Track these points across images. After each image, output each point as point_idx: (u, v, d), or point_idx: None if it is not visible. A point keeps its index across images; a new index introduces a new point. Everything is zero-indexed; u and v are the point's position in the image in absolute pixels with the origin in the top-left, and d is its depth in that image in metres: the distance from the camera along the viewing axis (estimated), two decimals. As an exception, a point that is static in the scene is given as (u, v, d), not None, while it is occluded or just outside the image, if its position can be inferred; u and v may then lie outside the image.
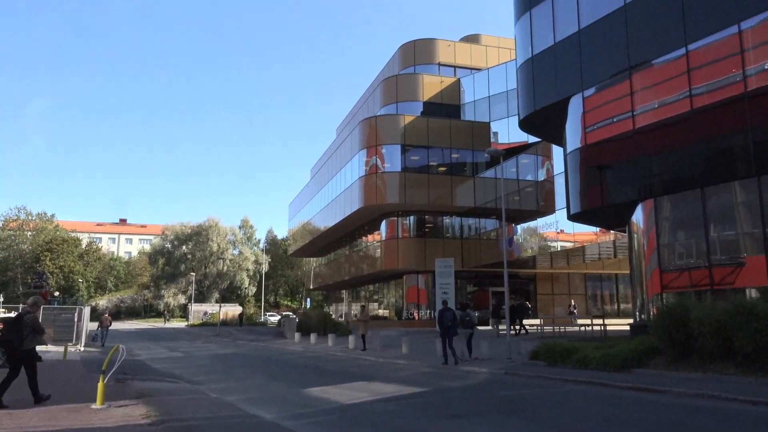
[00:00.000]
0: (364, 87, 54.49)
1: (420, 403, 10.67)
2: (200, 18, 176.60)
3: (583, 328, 24.00)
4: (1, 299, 61.78)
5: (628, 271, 42.92)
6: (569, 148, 19.23)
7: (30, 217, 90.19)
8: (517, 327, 30.64)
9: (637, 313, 17.76)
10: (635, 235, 17.85)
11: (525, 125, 21.85)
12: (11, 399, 9.68)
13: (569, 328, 26.92)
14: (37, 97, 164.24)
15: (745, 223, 15.18)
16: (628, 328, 29.52)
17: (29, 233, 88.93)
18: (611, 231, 23.38)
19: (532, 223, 35.12)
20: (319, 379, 15.12)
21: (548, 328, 27.14)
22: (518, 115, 22.05)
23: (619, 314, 41.75)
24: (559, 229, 30.02)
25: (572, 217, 19.61)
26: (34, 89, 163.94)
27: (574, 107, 18.77)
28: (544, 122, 21.29)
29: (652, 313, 16.74)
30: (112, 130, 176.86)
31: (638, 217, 17.41)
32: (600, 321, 23.79)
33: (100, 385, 9.38)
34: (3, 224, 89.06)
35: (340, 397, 11.47)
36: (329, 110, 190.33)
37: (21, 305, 30.30)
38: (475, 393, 11.88)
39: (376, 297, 50.71)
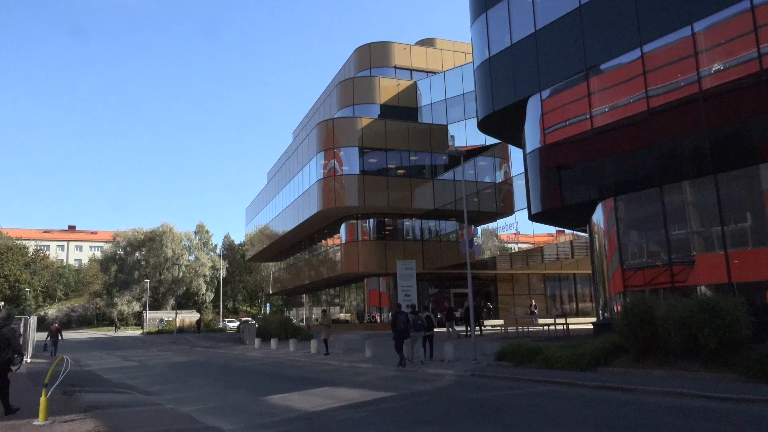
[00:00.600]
0: (322, 90, 53.94)
1: (388, 408, 10.34)
2: (159, 12, 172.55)
3: (546, 328, 24.13)
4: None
5: (586, 271, 44.50)
6: (528, 149, 19.26)
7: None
8: (460, 329, 31.27)
9: (600, 312, 17.88)
10: (596, 235, 17.99)
11: (483, 126, 21.82)
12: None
13: (532, 328, 27.06)
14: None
15: (697, 221, 15.45)
16: (590, 327, 30.00)
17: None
18: (572, 231, 23.59)
19: (491, 225, 35.28)
20: (281, 386, 14.61)
21: (511, 329, 27.24)
22: (476, 116, 22.00)
23: (578, 313, 42.47)
24: (517, 230, 30.20)
25: (533, 218, 19.64)
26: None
27: (533, 108, 18.81)
28: (502, 123, 21.30)
29: (615, 311, 16.87)
30: (59, 134, 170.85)
31: (598, 216, 17.54)
32: (562, 320, 23.95)
33: (42, 399, 8.70)
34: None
35: (305, 404, 11.03)
36: (286, 113, 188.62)
37: None
38: (443, 396, 11.63)
39: (337, 301, 50.18)
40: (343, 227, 39.62)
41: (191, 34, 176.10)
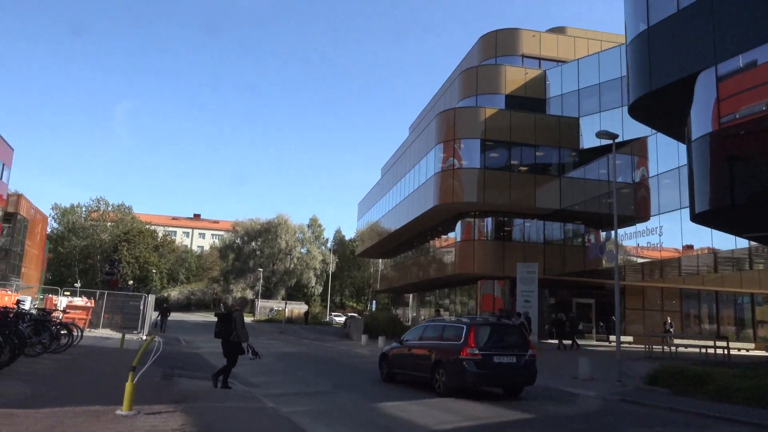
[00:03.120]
0: (440, 85, 52.04)
1: (530, 435, 8.21)
2: (298, 12, 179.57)
3: (704, 351, 20.55)
4: (80, 285, 63.29)
5: (732, 289, 39.25)
6: (695, 135, 16.15)
7: (110, 208, 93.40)
8: (568, 342, 28.59)
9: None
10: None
11: (635, 110, 18.83)
12: (33, 393, 7.99)
13: (669, 349, 23.45)
14: (126, 97, 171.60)
15: None
16: (745, 352, 25.73)
17: (109, 224, 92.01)
18: (745, 240, 19.80)
19: (625, 229, 31.59)
20: (394, 391, 12.85)
21: (638, 347, 23.70)
22: (628, 98, 19.02)
23: (718, 335, 37.45)
24: (661, 234, 26.48)
25: (697, 218, 16.47)
26: (125, 90, 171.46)
27: (704, 85, 15.68)
28: (658, 107, 18.20)
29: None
30: (191, 130, 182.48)
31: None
32: (722, 343, 20.21)
33: (128, 385, 7.47)
34: (85, 215, 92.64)
35: (426, 418, 9.15)
36: (402, 109, 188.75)
37: (98, 291, 30.64)
38: (598, 427, 9.27)
39: (443, 302, 48.08)
40: (458, 225, 37.41)
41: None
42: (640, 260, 30.95)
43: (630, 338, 36.30)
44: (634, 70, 18.40)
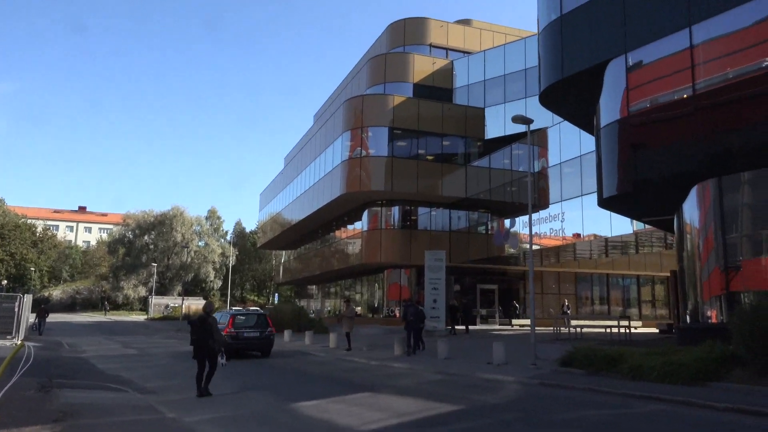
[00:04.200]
0: (345, 73, 51.15)
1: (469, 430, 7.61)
2: None
3: (608, 330, 21.16)
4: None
5: (620, 272, 41.68)
6: (604, 122, 16.41)
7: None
8: (461, 327, 29.41)
9: (688, 317, 14.98)
10: (686, 225, 15.01)
11: (546, 98, 18.95)
12: None
13: (573, 330, 24.17)
14: (1, 80, 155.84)
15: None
16: (635, 330, 26.98)
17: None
18: (646, 225, 20.51)
19: (524, 218, 32.38)
20: (309, 389, 11.92)
21: (542, 329, 24.26)
22: (539, 86, 19.13)
23: (609, 315, 39.63)
24: (563, 220, 27.24)
25: (604, 203, 16.79)
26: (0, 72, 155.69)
27: (613, 73, 15.94)
28: (568, 95, 18.42)
29: (709, 316, 14.03)
30: (75, 115, 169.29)
31: (691, 203, 14.63)
32: (624, 322, 20.89)
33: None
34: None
35: (350, 418, 8.32)
36: (307, 98, 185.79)
37: None
38: (529, 416, 8.86)
39: (348, 293, 47.47)
40: (365, 214, 36.80)
41: (196, 23, 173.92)
42: (538, 247, 31.84)
43: (529, 321, 37.49)
44: (546, 57, 18.49)
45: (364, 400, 10.19)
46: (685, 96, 14.51)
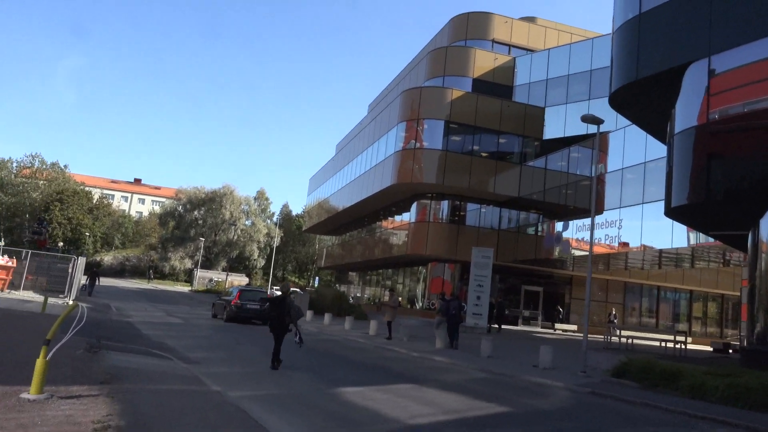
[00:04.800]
0: (400, 66, 50.71)
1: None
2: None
3: (663, 344, 20.21)
4: (2, 243, 59.25)
5: (671, 285, 40.07)
6: (679, 128, 15.52)
7: (44, 166, 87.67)
8: (496, 326, 29.72)
9: (755, 339, 14.01)
10: (763, 244, 13.96)
11: (617, 100, 18.08)
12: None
13: (624, 341, 23.23)
14: (73, 54, 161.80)
15: None
16: (694, 347, 25.79)
17: (42, 182, 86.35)
18: (710, 239, 19.43)
19: (579, 221, 31.34)
20: (351, 375, 11.70)
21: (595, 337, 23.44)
22: (609, 87, 18.27)
23: (656, 328, 38.22)
24: (620, 227, 26.23)
25: (672, 212, 15.91)
26: (70, 47, 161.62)
27: (694, 77, 15.01)
28: (640, 98, 17.51)
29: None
30: (139, 91, 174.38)
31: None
32: (681, 338, 19.90)
33: (38, 362, 5.93)
34: (16, 171, 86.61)
35: (395, 410, 8.02)
36: (362, 88, 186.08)
37: (23, 251, 28.08)
38: (583, 424, 8.37)
39: (389, 282, 47.29)
40: (414, 206, 36.43)
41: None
42: (584, 253, 30.82)
43: (575, 327, 36.49)
44: (619, 57, 17.61)
45: (408, 391, 9.87)
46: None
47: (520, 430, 7.44)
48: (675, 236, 23.05)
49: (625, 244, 27.00)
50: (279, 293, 11.88)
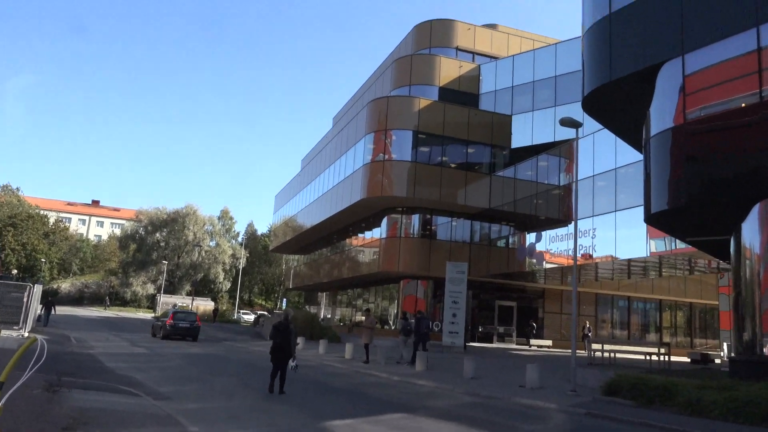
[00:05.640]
0: (363, 78, 50.25)
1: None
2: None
3: (648, 358, 19.91)
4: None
5: (643, 295, 40.34)
6: (654, 130, 15.38)
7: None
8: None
9: (742, 349, 13.80)
10: (745, 249, 13.82)
11: (590, 104, 17.93)
12: None
13: (606, 355, 22.93)
14: (23, 72, 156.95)
15: None
16: (671, 359, 25.73)
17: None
18: (684, 242, 19.34)
19: (549, 232, 31.22)
20: (336, 405, 10.95)
21: (560, 352, 23.04)
22: (582, 91, 18.12)
23: (629, 340, 38.33)
24: (594, 236, 26.13)
25: (651, 218, 15.75)
26: (19, 65, 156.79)
27: (667, 77, 14.92)
28: (614, 100, 17.39)
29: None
30: (93, 110, 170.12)
31: (752, 223, 13.51)
32: (659, 350, 19.63)
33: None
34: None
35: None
36: (325, 100, 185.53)
37: None
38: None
39: (360, 302, 46.46)
40: (384, 220, 35.77)
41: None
42: (555, 266, 30.68)
43: (549, 342, 36.24)
44: (591, 59, 17.46)
45: (402, 423, 9.19)
46: (745, 105, 13.51)
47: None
48: (649, 244, 23.06)
49: (599, 255, 27.02)
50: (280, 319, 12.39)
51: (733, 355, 15.16)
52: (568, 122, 14.94)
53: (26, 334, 22.49)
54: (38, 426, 6.45)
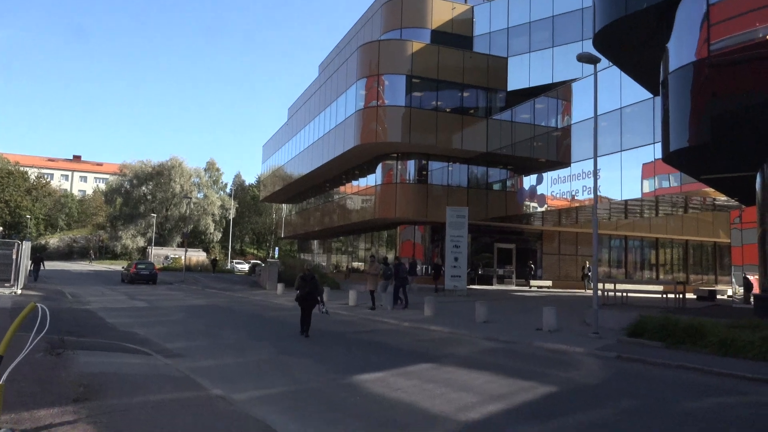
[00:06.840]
0: (350, 23, 48.15)
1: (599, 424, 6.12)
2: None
3: (665, 296, 19.66)
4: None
5: (640, 234, 40.35)
6: (674, 65, 14.57)
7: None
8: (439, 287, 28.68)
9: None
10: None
11: (601, 40, 16.97)
12: None
13: (580, 292, 22.72)
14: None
15: None
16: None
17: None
18: (699, 180, 18.72)
19: (549, 173, 30.60)
20: (357, 357, 10.44)
21: (560, 291, 22.84)
22: (593, 26, 17.13)
23: (628, 279, 38.51)
24: (600, 176, 25.59)
25: (669, 156, 15.09)
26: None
27: (689, 9, 14.03)
28: (628, 36, 16.47)
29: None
30: (69, 61, 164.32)
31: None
32: (675, 288, 19.23)
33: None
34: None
35: (434, 400, 6.81)
36: (309, 48, 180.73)
37: None
38: (646, 401, 7.38)
39: (351, 250, 46.08)
40: (379, 167, 34.92)
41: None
42: (551, 208, 30.30)
43: (549, 282, 36.29)
44: (603, -7, 16.37)
45: (432, 374, 8.69)
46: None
47: (589, 417, 6.36)
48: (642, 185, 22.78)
49: (571, 199, 26.81)
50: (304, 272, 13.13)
51: (759, 293, 14.83)
52: (586, 58, 14.05)
53: (19, 291, 21.84)
54: (47, 399, 5.81)
